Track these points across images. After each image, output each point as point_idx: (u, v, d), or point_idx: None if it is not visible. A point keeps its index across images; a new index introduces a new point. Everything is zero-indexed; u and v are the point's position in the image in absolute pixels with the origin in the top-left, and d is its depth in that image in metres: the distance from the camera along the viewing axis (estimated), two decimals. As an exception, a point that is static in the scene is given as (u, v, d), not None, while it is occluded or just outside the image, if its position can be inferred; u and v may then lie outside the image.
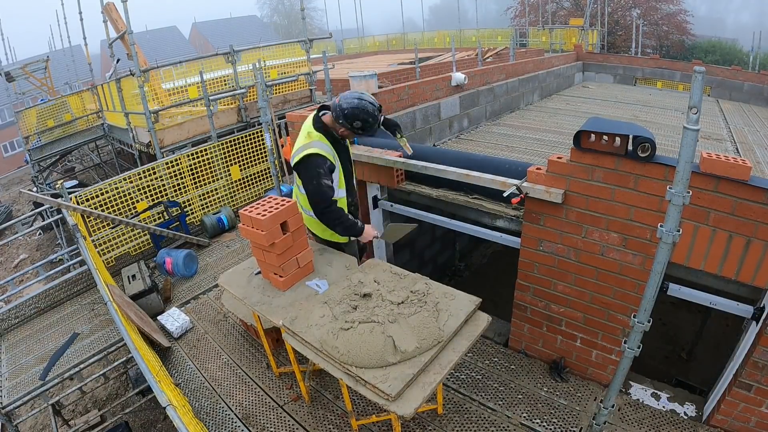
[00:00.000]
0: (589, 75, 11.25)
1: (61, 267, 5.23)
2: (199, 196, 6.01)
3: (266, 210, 2.43)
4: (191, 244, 5.45)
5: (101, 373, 3.54)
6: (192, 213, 5.92)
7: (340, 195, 2.76)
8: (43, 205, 5.53)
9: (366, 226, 2.75)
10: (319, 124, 2.64)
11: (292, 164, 2.67)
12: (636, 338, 1.90)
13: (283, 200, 2.53)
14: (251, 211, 2.43)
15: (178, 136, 6.57)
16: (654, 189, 2.15)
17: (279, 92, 7.69)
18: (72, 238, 4.95)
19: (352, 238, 2.89)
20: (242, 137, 6.40)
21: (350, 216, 2.70)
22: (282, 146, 6.54)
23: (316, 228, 2.94)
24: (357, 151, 3.39)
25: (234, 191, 6.40)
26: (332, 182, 2.61)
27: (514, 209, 2.89)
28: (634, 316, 1.87)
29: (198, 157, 5.95)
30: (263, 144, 6.53)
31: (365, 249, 3.24)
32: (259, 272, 2.78)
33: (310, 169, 2.54)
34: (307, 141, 2.61)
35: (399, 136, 3.06)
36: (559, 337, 2.91)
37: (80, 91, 10.97)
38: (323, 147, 2.58)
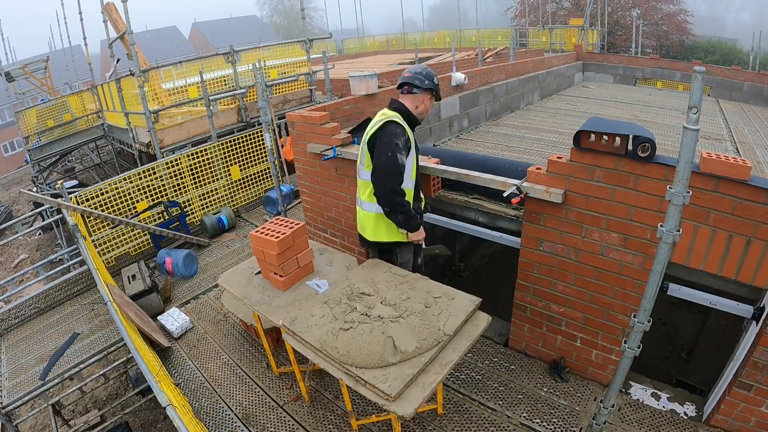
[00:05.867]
0: (589, 75, 11.24)
1: (61, 267, 5.23)
2: (199, 196, 6.01)
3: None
4: (191, 244, 5.45)
5: (101, 373, 3.54)
6: (192, 213, 5.92)
7: (408, 186, 2.48)
8: (43, 205, 5.53)
9: (420, 229, 2.60)
10: (396, 105, 2.51)
11: (367, 139, 2.42)
12: (636, 338, 1.90)
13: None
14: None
15: (178, 136, 6.57)
16: (654, 189, 2.15)
17: (279, 92, 7.69)
18: (72, 238, 4.95)
19: (411, 241, 2.65)
20: (242, 137, 6.40)
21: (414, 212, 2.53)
22: (282, 146, 6.55)
23: (373, 225, 2.62)
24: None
25: (234, 191, 6.40)
26: (404, 162, 2.36)
27: (514, 209, 2.89)
28: (634, 316, 1.87)
29: (198, 157, 5.95)
30: (263, 144, 6.53)
31: (421, 268, 2.90)
32: (259, 272, 2.78)
33: (387, 137, 2.32)
34: (382, 117, 2.44)
35: None
36: (559, 337, 2.91)
37: (80, 91, 10.98)
38: (402, 121, 2.43)
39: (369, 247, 2.79)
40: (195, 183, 5.96)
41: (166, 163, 5.66)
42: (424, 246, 2.77)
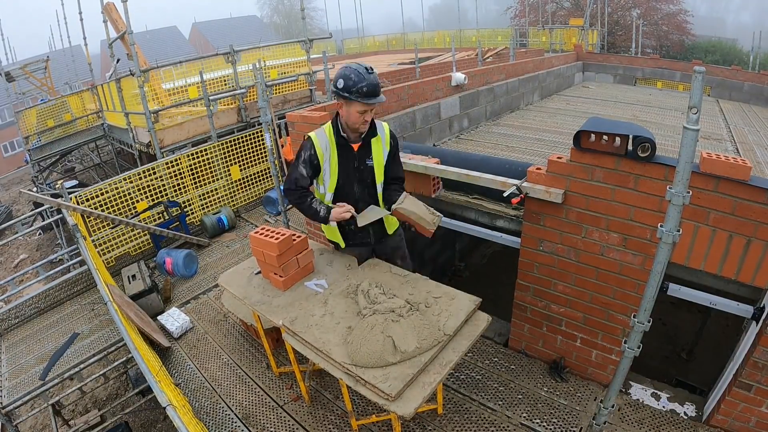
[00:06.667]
0: (589, 75, 11.24)
1: (61, 267, 5.23)
2: (199, 196, 6.01)
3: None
4: (191, 244, 5.45)
5: (101, 373, 3.54)
6: (192, 213, 5.92)
7: (327, 197, 2.60)
8: (43, 205, 5.53)
9: (334, 208, 2.50)
10: (335, 117, 2.50)
11: None
12: (636, 338, 1.90)
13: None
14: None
15: (178, 136, 6.57)
16: (654, 189, 2.15)
17: (279, 92, 7.69)
18: (72, 238, 4.96)
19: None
20: (242, 137, 6.40)
21: (316, 204, 2.51)
22: (282, 146, 6.54)
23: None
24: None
25: (234, 191, 6.40)
26: (307, 173, 2.46)
27: (514, 209, 2.89)
28: (634, 316, 1.87)
29: (198, 157, 5.95)
30: (263, 144, 6.53)
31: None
32: (259, 272, 2.78)
33: (300, 148, 2.50)
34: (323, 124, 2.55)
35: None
36: (559, 337, 2.91)
37: (80, 91, 10.98)
38: (320, 135, 2.46)
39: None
40: (195, 183, 5.96)
41: (166, 163, 5.66)
42: (359, 222, 2.54)
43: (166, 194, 5.63)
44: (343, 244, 2.77)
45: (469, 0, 25.76)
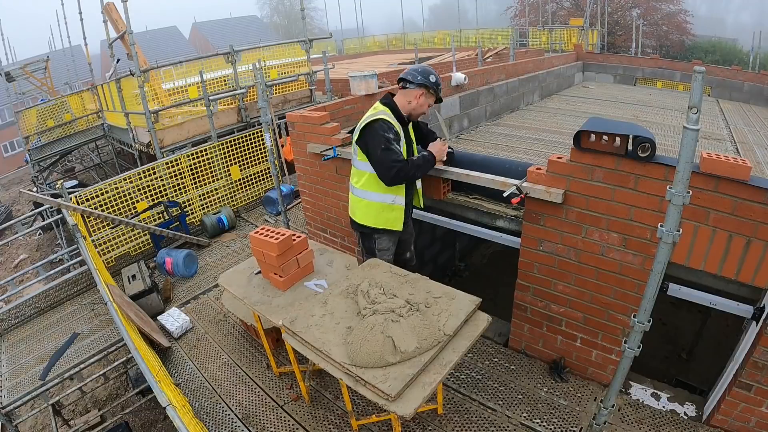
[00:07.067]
0: (589, 75, 11.22)
1: (61, 267, 5.24)
2: (199, 196, 6.01)
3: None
4: (191, 244, 5.45)
5: (101, 373, 3.54)
6: (192, 213, 5.92)
7: None
8: (43, 205, 5.53)
9: (431, 147, 2.78)
10: (386, 100, 2.68)
11: (355, 136, 2.65)
12: (636, 338, 1.90)
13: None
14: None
15: (178, 136, 6.57)
16: (654, 189, 2.15)
17: (279, 92, 7.69)
18: (72, 238, 4.96)
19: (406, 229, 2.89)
20: (242, 137, 6.40)
21: (416, 158, 2.65)
22: (282, 146, 6.55)
23: (363, 211, 2.81)
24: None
25: (234, 191, 6.41)
26: (400, 149, 2.58)
27: (514, 209, 2.89)
28: (634, 316, 1.87)
29: (198, 157, 5.95)
30: (263, 144, 6.53)
31: (411, 261, 3.16)
32: (259, 272, 2.78)
33: (377, 134, 2.51)
34: (373, 111, 2.64)
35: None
36: (559, 337, 2.91)
37: (80, 91, 10.98)
38: (390, 116, 2.59)
39: (354, 229, 2.98)
40: (195, 183, 5.96)
41: (166, 163, 5.66)
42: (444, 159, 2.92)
43: (166, 194, 5.63)
44: (401, 227, 2.82)
45: (469, 0, 25.76)
